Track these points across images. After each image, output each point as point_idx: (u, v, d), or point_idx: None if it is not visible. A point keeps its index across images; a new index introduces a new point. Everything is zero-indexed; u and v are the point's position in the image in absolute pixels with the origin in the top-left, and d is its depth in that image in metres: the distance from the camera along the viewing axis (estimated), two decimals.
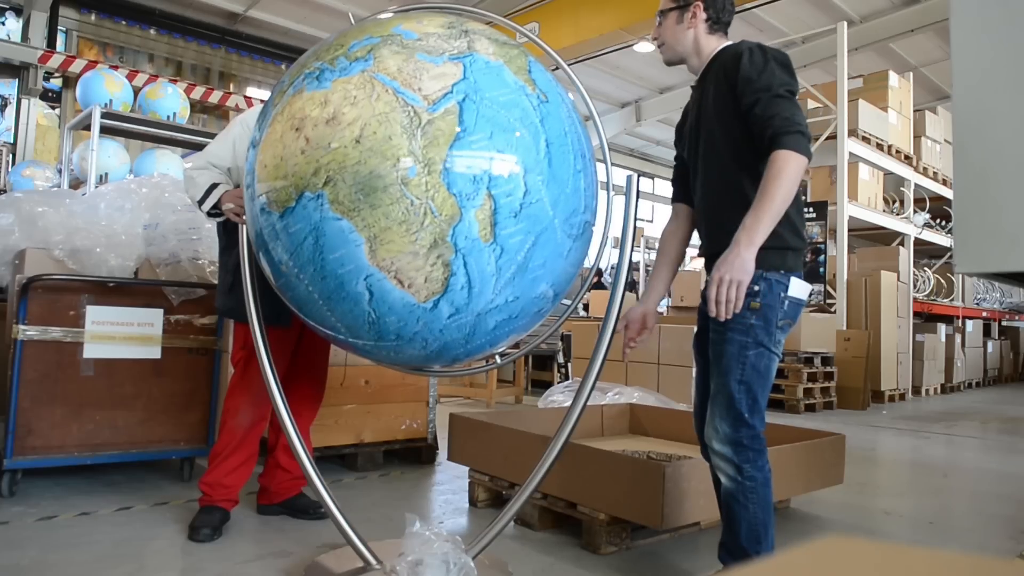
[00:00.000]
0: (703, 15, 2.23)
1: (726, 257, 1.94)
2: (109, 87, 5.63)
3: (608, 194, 2.41)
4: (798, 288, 2.11)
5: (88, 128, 5.50)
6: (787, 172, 1.94)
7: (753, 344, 2.07)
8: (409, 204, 1.78)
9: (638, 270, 13.61)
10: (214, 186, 2.69)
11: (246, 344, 2.80)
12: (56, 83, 10.47)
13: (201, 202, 2.68)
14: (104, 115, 5.43)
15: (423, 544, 2.10)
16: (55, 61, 9.83)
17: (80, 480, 3.42)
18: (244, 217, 2.30)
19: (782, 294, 2.08)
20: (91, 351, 3.26)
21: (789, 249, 2.10)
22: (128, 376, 3.36)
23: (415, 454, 4.13)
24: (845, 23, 8.99)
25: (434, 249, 1.81)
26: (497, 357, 2.40)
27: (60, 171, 6.55)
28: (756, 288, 2.04)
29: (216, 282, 3.09)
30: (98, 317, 3.29)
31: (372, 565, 2.32)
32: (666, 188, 16.26)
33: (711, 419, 2.16)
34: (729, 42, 2.27)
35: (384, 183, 1.78)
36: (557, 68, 2.47)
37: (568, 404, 2.58)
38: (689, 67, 2.32)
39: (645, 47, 11.15)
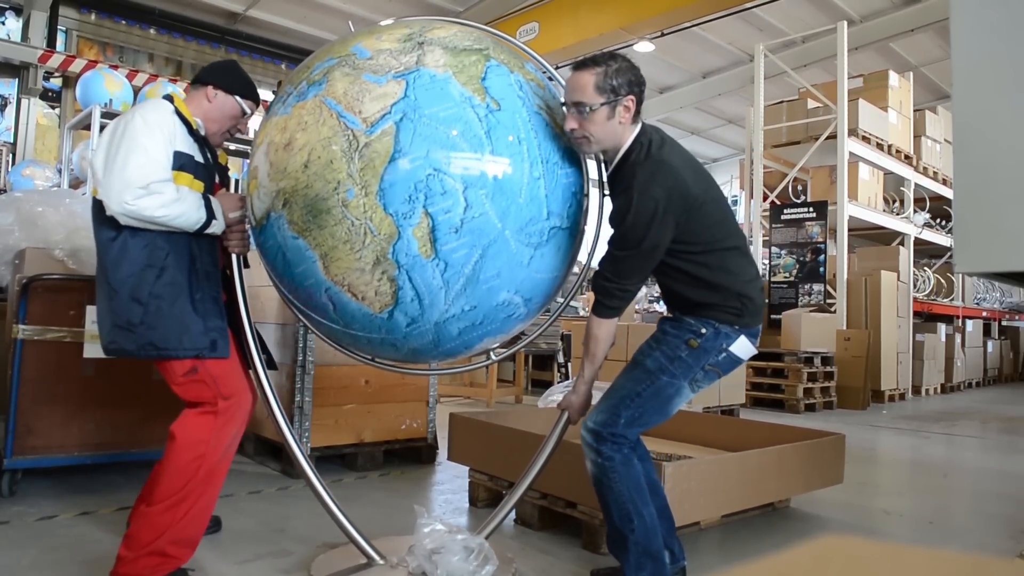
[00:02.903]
0: (634, 107, 2.13)
1: (568, 395, 2.31)
2: (109, 87, 5.64)
3: (600, 193, 2.43)
4: (742, 346, 2.23)
5: (88, 128, 5.50)
6: (598, 335, 2.20)
7: (670, 373, 2.20)
8: (350, 225, 1.87)
9: None
10: (207, 199, 2.26)
11: (213, 369, 2.29)
12: (56, 83, 10.47)
13: (207, 223, 2.23)
14: (104, 115, 5.43)
15: (435, 535, 2.16)
16: (55, 61, 9.83)
17: (80, 480, 3.42)
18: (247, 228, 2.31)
19: (724, 345, 2.20)
20: (91, 351, 3.26)
21: (743, 314, 2.20)
22: (128, 376, 3.35)
23: (415, 454, 4.13)
24: (845, 23, 8.99)
25: (378, 266, 1.89)
26: (491, 353, 2.41)
27: (60, 171, 6.55)
28: (703, 331, 2.19)
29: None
30: None
31: (376, 560, 2.33)
32: None
33: (595, 405, 2.27)
34: (636, 130, 2.17)
35: (327, 205, 1.87)
36: (557, 69, 2.46)
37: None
38: (604, 155, 2.27)
39: (645, 47, 11.15)
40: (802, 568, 0.45)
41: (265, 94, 2.68)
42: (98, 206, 2.23)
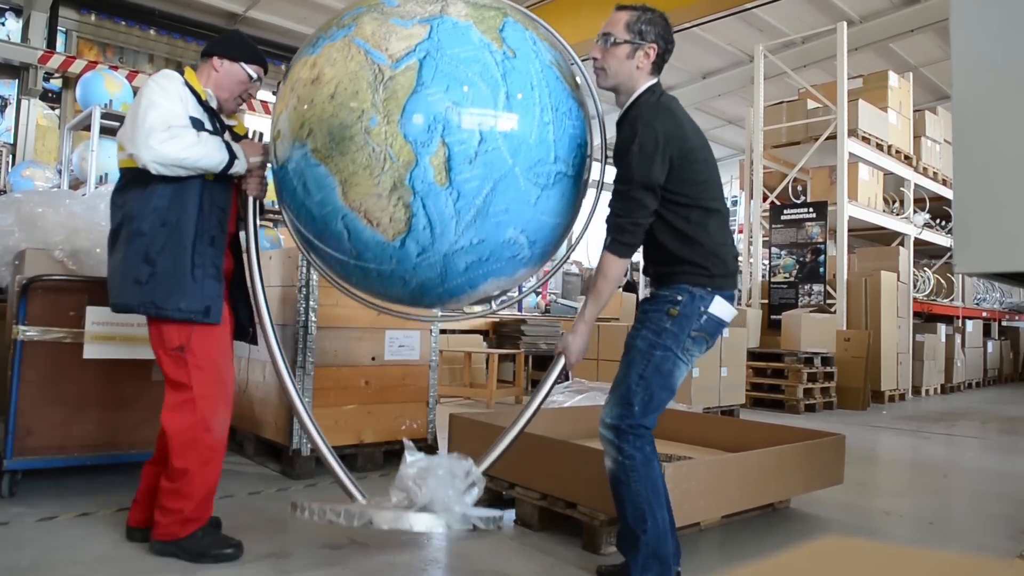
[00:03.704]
0: (653, 56, 2.29)
1: (566, 336, 2.37)
2: (109, 87, 5.64)
3: (598, 192, 2.45)
4: (720, 307, 2.28)
5: (88, 128, 5.50)
6: (607, 272, 2.27)
7: (661, 346, 2.25)
8: (371, 151, 1.99)
9: (637, 269, 13.61)
10: (227, 143, 2.44)
11: (199, 347, 2.47)
12: (56, 83, 10.46)
13: (230, 163, 2.42)
14: (104, 115, 5.43)
15: (420, 461, 2.15)
16: (55, 61, 9.83)
17: (80, 481, 3.42)
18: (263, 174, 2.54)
19: (702, 308, 2.26)
20: (91, 351, 3.26)
21: (714, 275, 2.27)
22: (128, 376, 3.35)
23: None
24: (845, 23, 8.99)
25: (395, 191, 2.00)
26: (492, 303, 2.47)
27: (60, 171, 6.54)
28: (679, 298, 2.26)
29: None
30: (98, 317, 3.28)
31: (358, 499, 2.37)
32: None
33: (606, 404, 2.31)
34: (651, 82, 2.32)
35: (351, 132, 2.00)
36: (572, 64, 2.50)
37: (568, 404, 2.63)
38: (616, 98, 2.38)
39: None
40: (802, 569, 0.45)
41: (265, 95, 2.74)
42: (122, 173, 2.48)
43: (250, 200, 2.56)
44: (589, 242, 2.53)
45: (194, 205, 2.42)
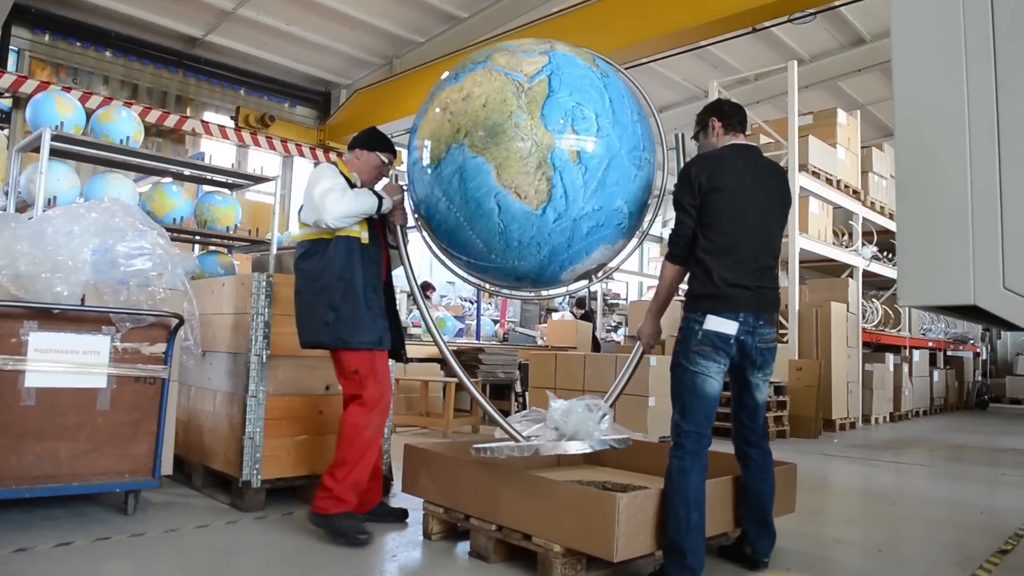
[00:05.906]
0: (719, 127, 3.04)
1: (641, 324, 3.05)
2: (61, 109, 5.49)
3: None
4: (714, 323, 2.71)
5: (37, 150, 5.35)
6: (663, 276, 2.91)
7: (674, 362, 2.81)
8: (520, 140, 2.66)
9: (595, 298, 13.70)
10: (373, 191, 3.27)
11: (370, 369, 3.24)
12: (6, 103, 10.21)
13: (381, 203, 3.23)
14: (55, 137, 5.30)
15: (561, 405, 2.87)
16: (5, 81, 9.60)
17: (17, 514, 3.28)
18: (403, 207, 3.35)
19: (696, 326, 2.73)
20: (33, 380, 3.16)
21: (703, 297, 2.75)
22: (71, 406, 3.25)
23: None
24: (796, 62, 9.27)
25: (540, 169, 2.66)
26: (593, 277, 3.10)
27: (6, 193, 6.35)
28: (684, 322, 2.80)
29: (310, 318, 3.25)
30: (41, 344, 3.19)
31: (518, 440, 2.93)
32: None
33: None
34: (729, 141, 3.06)
35: (503, 128, 2.67)
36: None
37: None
38: None
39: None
40: None
41: (222, 119, 2.79)
42: (302, 244, 3.30)
43: (398, 228, 3.37)
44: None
45: (358, 263, 3.20)
